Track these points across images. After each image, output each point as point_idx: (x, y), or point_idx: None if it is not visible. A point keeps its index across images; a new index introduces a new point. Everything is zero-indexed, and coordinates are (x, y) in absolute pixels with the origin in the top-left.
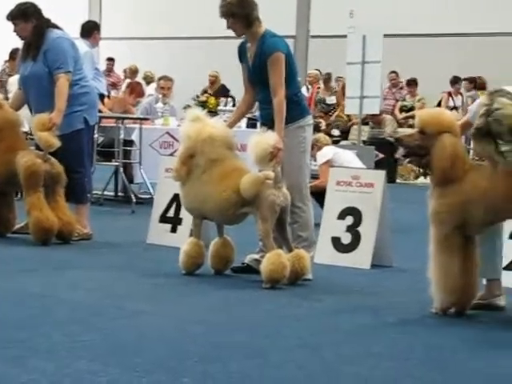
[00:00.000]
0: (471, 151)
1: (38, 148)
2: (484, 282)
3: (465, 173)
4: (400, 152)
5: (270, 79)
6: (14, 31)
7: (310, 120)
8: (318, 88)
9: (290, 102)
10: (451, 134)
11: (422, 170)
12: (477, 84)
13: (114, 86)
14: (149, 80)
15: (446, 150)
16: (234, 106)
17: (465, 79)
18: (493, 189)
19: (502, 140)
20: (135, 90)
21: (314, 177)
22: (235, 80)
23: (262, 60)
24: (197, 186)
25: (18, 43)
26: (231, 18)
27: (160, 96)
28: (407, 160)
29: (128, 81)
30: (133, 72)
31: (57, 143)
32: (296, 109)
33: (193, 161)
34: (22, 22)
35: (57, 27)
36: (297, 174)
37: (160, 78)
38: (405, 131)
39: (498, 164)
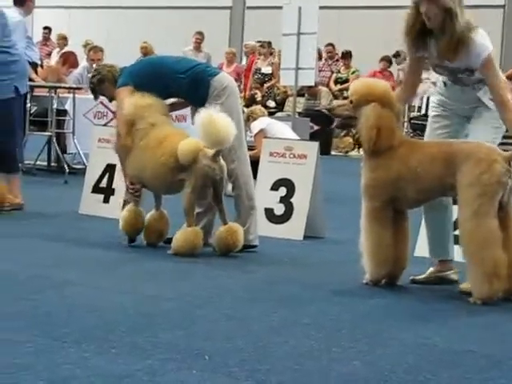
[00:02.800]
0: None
1: None
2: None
3: (395, 147)
4: (335, 122)
5: None
6: None
7: (221, 85)
8: (258, 59)
9: (193, 86)
10: (379, 104)
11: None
12: None
13: (50, 55)
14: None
15: (368, 121)
16: None
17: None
18: (423, 170)
19: None
20: (68, 60)
21: (250, 148)
22: (168, 51)
23: None
24: (136, 153)
25: None
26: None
27: (94, 65)
28: (343, 132)
29: (58, 50)
30: (61, 39)
31: None
32: (200, 86)
33: (134, 128)
34: None
35: None
36: None
37: (90, 50)
38: (338, 102)
39: None
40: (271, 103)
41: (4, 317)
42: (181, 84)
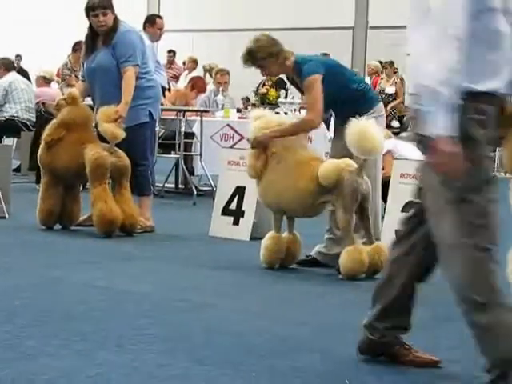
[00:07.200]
0: None
1: (101, 139)
2: None
3: None
4: None
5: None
6: (100, 21)
7: (380, 110)
8: (381, 79)
9: (360, 101)
10: None
11: None
12: None
13: (175, 78)
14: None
15: None
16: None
17: None
18: None
19: None
20: (197, 85)
21: None
22: None
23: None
24: (273, 177)
25: (80, 36)
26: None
27: (221, 88)
28: None
29: (186, 73)
30: (191, 62)
31: (122, 135)
32: (366, 104)
33: (266, 153)
34: (110, 12)
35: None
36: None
37: (217, 72)
38: None
39: None
40: (395, 123)
41: (145, 340)
42: (350, 94)
